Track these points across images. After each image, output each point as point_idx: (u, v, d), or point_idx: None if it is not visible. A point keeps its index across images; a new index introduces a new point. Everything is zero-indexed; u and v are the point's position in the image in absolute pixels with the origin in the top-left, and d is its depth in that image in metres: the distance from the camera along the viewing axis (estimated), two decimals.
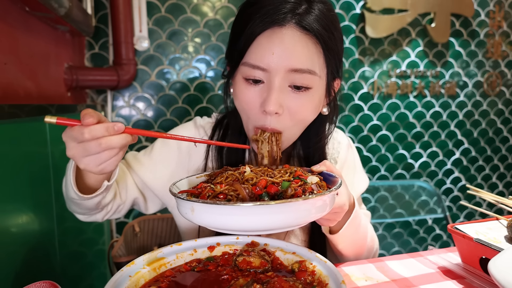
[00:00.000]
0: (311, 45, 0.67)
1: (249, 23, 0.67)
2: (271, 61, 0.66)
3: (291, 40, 0.65)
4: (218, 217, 0.52)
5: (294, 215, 0.52)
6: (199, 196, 0.57)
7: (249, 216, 0.51)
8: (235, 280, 0.54)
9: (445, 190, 2.54)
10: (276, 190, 0.57)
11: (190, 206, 0.53)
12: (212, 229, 0.58)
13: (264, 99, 0.68)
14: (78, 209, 0.75)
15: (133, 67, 1.81)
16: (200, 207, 0.52)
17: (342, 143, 0.97)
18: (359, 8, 2.16)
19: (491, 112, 2.55)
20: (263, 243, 0.66)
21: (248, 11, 0.69)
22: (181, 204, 0.56)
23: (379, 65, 2.27)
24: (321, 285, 0.53)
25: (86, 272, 1.57)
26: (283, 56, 0.65)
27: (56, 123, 0.53)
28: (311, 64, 0.67)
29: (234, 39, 0.72)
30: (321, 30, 0.67)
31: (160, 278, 0.56)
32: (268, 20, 0.65)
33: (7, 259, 0.92)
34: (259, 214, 0.50)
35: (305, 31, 0.66)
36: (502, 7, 2.45)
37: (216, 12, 1.96)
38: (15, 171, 0.99)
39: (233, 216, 0.51)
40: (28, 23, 1.20)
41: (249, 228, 0.53)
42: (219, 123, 0.90)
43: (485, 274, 0.67)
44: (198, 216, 0.53)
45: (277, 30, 0.65)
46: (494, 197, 0.84)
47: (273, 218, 0.51)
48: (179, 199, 0.55)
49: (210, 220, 0.53)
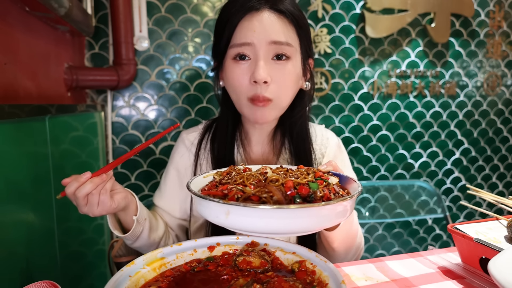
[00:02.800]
0: (285, 23, 0.80)
1: (230, 16, 0.80)
2: (254, 36, 0.78)
3: (268, 20, 0.78)
4: (257, 221, 0.50)
5: (331, 217, 0.53)
6: (226, 198, 0.55)
7: (292, 219, 0.50)
8: (235, 280, 0.54)
9: (445, 190, 2.54)
10: (307, 191, 0.56)
11: (226, 209, 0.51)
12: (245, 233, 0.61)
13: (253, 71, 0.78)
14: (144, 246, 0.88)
15: (133, 67, 1.81)
16: (238, 211, 0.50)
17: (331, 140, 1.03)
18: (359, 8, 2.16)
19: (491, 112, 2.55)
20: (263, 243, 0.66)
21: (227, 9, 0.83)
22: (211, 207, 0.53)
23: (379, 65, 2.27)
24: (321, 285, 0.53)
25: (86, 272, 1.57)
26: (263, 32, 0.78)
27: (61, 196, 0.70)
28: (288, 37, 0.80)
29: (218, 34, 0.84)
30: (292, 11, 0.80)
31: (160, 278, 0.56)
32: (245, 7, 0.78)
33: (7, 259, 0.92)
34: (303, 217, 0.50)
35: (278, 12, 0.79)
36: (502, 7, 2.45)
37: (216, 12, 1.96)
38: (15, 171, 0.99)
39: (276, 220, 0.49)
40: (28, 23, 1.20)
41: (287, 231, 0.51)
42: (208, 127, 0.98)
43: (485, 274, 0.67)
44: (233, 219, 0.51)
45: (255, 14, 0.78)
46: (494, 197, 0.84)
47: (312, 220, 0.51)
48: (209, 201, 0.52)
49: (247, 223, 0.51)
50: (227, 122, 0.92)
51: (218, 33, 0.85)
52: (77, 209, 0.71)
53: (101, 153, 1.74)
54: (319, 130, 1.03)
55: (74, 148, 1.46)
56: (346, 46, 2.18)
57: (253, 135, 0.95)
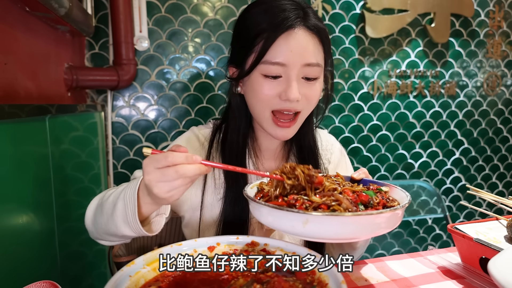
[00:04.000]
0: (316, 42, 0.81)
1: (263, 31, 0.78)
2: (289, 57, 0.78)
3: (303, 40, 0.79)
4: (338, 228, 0.52)
5: (397, 220, 0.57)
6: (295, 207, 0.56)
7: (370, 225, 0.53)
8: (235, 280, 0.54)
9: (445, 190, 2.54)
10: (367, 198, 0.59)
11: (304, 218, 0.52)
12: (322, 241, 0.66)
13: (285, 89, 0.79)
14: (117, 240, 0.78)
15: (133, 67, 1.81)
16: (318, 219, 0.52)
17: (335, 146, 1.06)
18: (359, 8, 2.16)
19: (491, 112, 2.55)
20: (263, 243, 0.66)
21: (256, 19, 0.81)
22: (286, 217, 0.54)
23: (379, 65, 2.27)
24: (321, 285, 0.53)
25: (86, 272, 1.57)
26: (298, 53, 0.78)
27: (151, 153, 0.61)
28: (318, 58, 0.82)
29: (245, 44, 0.82)
30: (320, 28, 0.82)
31: (160, 278, 0.56)
32: (283, 26, 0.77)
33: (7, 259, 0.92)
34: (380, 222, 0.53)
35: (310, 31, 0.80)
36: (502, 7, 2.45)
37: (216, 12, 1.96)
38: (15, 171, 0.99)
39: (355, 226, 0.52)
40: (28, 23, 1.20)
41: (362, 235, 0.55)
42: (217, 128, 0.96)
43: (485, 274, 0.67)
44: (311, 228, 0.52)
45: (292, 32, 0.78)
46: (494, 197, 0.84)
47: (385, 224, 0.55)
48: (286, 212, 0.53)
49: (324, 231, 0.53)
50: (239, 130, 0.91)
51: (244, 43, 0.82)
52: (144, 176, 0.61)
53: (101, 153, 1.74)
54: (323, 135, 1.06)
55: (74, 148, 1.46)
56: (346, 46, 2.18)
57: (263, 142, 0.96)
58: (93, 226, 0.79)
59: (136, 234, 0.70)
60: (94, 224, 0.78)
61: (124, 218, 0.68)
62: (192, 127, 0.99)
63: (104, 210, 0.74)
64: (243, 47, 0.83)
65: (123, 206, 0.68)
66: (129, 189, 0.69)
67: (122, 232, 0.70)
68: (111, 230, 0.72)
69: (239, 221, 0.86)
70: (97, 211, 0.78)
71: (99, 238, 0.81)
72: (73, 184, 1.42)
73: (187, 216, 0.94)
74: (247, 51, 0.82)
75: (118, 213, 0.69)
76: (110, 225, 0.72)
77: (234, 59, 0.88)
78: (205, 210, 0.91)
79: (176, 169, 0.59)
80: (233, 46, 0.89)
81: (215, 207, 0.90)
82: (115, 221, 0.70)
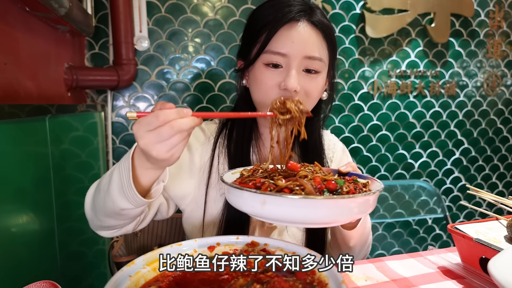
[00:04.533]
0: (319, 37, 0.82)
1: (267, 22, 0.81)
2: (290, 48, 0.79)
3: (306, 33, 0.80)
4: (291, 210, 0.53)
5: (357, 210, 0.57)
6: (260, 190, 0.58)
7: (322, 209, 0.54)
8: (235, 280, 0.54)
9: (445, 190, 2.54)
10: (335, 186, 0.60)
11: (262, 199, 0.54)
12: (278, 223, 0.67)
13: (284, 79, 0.80)
14: (117, 221, 0.74)
15: (133, 67, 1.81)
16: (274, 200, 0.53)
17: (337, 145, 1.07)
18: (359, 8, 2.16)
19: (491, 112, 2.55)
20: (263, 243, 0.66)
21: (263, 14, 0.84)
22: (246, 198, 0.56)
23: (379, 65, 2.27)
24: (321, 285, 0.53)
25: (86, 272, 1.57)
26: (300, 45, 0.79)
27: (137, 117, 0.58)
28: (321, 53, 0.82)
29: (250, 37, 0.85)
30: (324, 24, 0.83)
31: (160, 278, 0.56)
32: (286, 17, 0.79)
33: (7, 259, 0.92)
34: (332, 207, 0.54)
35: (314, 26, 0.81)
36: (502, 7, 2.45)
37: (216, 12, 1.96)
38: (15, 171, 0.99)
39: (308, 209, 0.53)
40: (28, 23, 1.20)
41: (315, 221, 0.56)
42: (224, 124, 0.97)
43: (485, 274, 0.67)
44: (269, 209, 0.54)
45: (294, 24, 0.80)
46: (494, 197, 0.84)
47: (340, 211, 0.55)
48: (245, 192, 0.55)
49: (281, 213, 0.54)
50: (245, 123, 0.92)
51: (250, 35, 0.85)
52: (138, 141, 0.58)
53: (101, 153, 1.74)
54: (325, 135, 1.06)
55: (74, 148, 1.46)
56: (346, 46, 2.18)
57: (267, 136, 0.96)
58: (91, 210, 0.76)
59: (133, 204, 0.67)
60: (93, 207, 0.76)
61: (119, 188, 0.66)
62: None
63: (101, 188, 0.72)
64: (249, 40, 0.85)
65: (119, 176, 0.66)
66: (123, 158, 0.67)
67: (119, 206, 0.67)
68: (108, 207, 0.69)
69: (240, 219, 0.87)
70: (95, 192, 0.75)
71: (98, 226, 0.78)
72: (73, 184, 1.42)
73: (188, 210, 0.92)
74: (253, 43, 0.84)
75: (114, 186, 0.67)
76: (107, 201, 0.69)
77: (241, 52, 0.91)
78: (208, 205, 0.91)
79: (171, 125, 0.57)
80: (242, 40, 0.91)
81: (218, 202, 0.90)
82: (112, 195, 0.67)
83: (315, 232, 0.94)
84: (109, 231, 0.78)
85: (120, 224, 0.76)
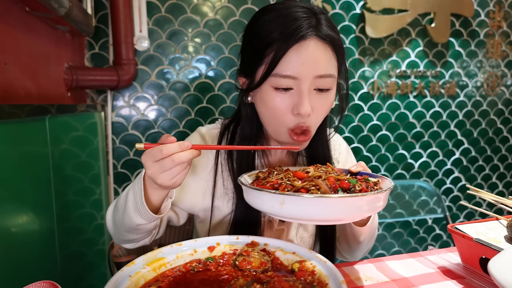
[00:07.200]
0: (328, 52, 0.78)
1: (275, 40, 0.75)
2: (301, 70, 0.75)
3: (315, 51, 0.76)
4: (308, 208, 0.57)
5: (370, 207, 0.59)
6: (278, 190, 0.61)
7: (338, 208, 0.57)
8: (235, 280, 0.54)
9: (445, 190, 2.54)
10: (348, 185, 0.63)
11: (281, 199, 0.57)
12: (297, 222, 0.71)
13: (296, 104, 0.77)
14: (135, 235, 0.81)
15: (133, 67, 1.82)
16: (293, 200, 0.56)
17: (342, 146, 1.07)
18: (359, 8, 2.16)
19: (491, 112, 2.55)
20: (263, 243, 0.66)
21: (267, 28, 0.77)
22: (267, 198, 0.59)
23: (379, 65, 2.27)
24: (321, 285, 0.53)
25: (86, 272, 1.57)
26: (310, 65, 0.75)
27: (144, 148, 0.66)
28: (331, 69, 0.79)
29: (255, 53, 0.79)
30: (333, 37, 0.78)
31: (160, 278, 0.56)
32: (294, 36, 0.74)
33: (7, 259, 0.92)
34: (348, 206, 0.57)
35: (323, 40, 0.77)
36: (502, 7, 2.45)
37: (216, 12, 1.96)
38: (15, 171, 0.99)
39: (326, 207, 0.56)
40: (28, 23, 1.20)
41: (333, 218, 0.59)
42: (226, 128, 0.95)
43: (485, 274, 0.67)
44: (288, 208, 0.57)
45: (303, 43, 0.75)
46: (494, 197, 0.84)
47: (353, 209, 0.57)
48: (265, 193, 0.58)
49: (299, 211, 0.57)
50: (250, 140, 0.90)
51: (254, 53, 0.80)
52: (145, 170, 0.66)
53: (101, 153, 1.75)
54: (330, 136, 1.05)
55: (74, 148, 1.46)
56: (346, 46, 2.18)
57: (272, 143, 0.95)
58: (113, 226, 0.84)
59: (146, 219, 0.74)
60: (114, 224, 0.83)
61: (135, 206, 0.74)
62: (198, 127, 0.98)
63: (119, 207, 0.79)
64: (253, 58, 0.80)
65: (133, 196, 0.74)
66: (136, 180, 0.75)
67: (135, 222, 0.75)
68: (126, 223, 0.77)
69: (250, 222, 0.87)
70: (114, 211, 0.83)
71: (121, 240, 0.85)
72: (73, 184, 1.42)
73: (201, 215, 0.95)
74: (257, 62, 0.79)
75: (129, 204, 0.74)
76: (125, 218, 0.76)
77: (244, 69, 0.85)
78: (215, 212, 0.92)
79: (172, 158, 0.64)
80: (243, 55, 0.85)
81: (225, 208, 0.90)
82: (128, 212, 0.75)
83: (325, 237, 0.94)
84: (130, 244, 0.86)
85: (138, 238, 0.83)
